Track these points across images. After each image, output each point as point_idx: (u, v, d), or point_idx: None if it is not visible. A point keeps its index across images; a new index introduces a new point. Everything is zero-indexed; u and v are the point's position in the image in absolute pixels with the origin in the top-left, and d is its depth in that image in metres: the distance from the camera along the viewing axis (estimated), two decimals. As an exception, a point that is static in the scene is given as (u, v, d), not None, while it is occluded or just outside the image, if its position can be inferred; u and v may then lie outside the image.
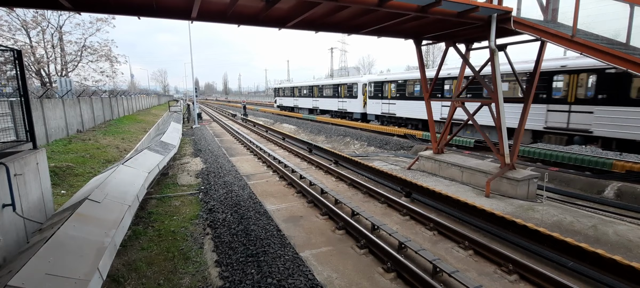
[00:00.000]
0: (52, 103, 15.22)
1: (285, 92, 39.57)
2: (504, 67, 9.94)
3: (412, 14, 7.00)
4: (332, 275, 4.94)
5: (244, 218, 7.08)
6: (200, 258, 5.52)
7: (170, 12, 6.95)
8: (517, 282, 4.74)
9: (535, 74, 8.52)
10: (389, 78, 21.36)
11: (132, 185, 6.34)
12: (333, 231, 6.48)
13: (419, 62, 10.69)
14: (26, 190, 4.99)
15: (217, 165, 12.27)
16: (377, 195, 8.33)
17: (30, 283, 2.89)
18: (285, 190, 9.23)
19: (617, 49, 5.93)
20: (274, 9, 7.03)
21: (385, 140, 18.31)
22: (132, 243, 6.02)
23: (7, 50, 5.36)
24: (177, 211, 7.72)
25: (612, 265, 4.41)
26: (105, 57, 26.06)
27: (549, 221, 6.67)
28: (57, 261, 3.31)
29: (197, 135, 21.70)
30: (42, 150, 5.76)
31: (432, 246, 5.84)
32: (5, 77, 6.08)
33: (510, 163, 8.59)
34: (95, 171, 10.89)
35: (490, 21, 7.64)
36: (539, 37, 7.30)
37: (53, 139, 14.82)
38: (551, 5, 8.20)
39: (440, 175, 10.37)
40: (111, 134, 19.27)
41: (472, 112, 9.72)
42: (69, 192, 8.83)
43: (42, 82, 23.38)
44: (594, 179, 9.88)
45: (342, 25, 8.63)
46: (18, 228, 4.68)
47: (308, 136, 22.84)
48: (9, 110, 6.58)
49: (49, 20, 22.37)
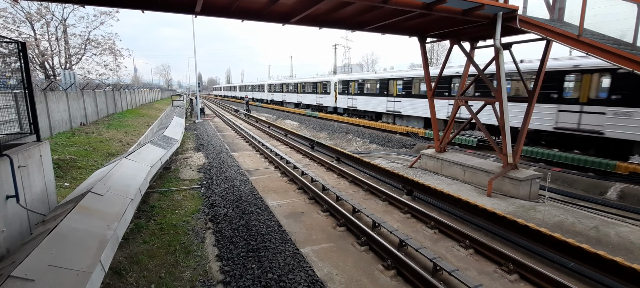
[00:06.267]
0: (55, 96, 15.30)
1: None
2: (509, 66, 9.87)
3: (417, 11, 6.95)
4: (333, 272, 4.96)
5: (245, 214, 7.10)
6: (201, 252, 5.56)
7: (174, 6, 6.94)
8: (517, 281, 4.73)
9: (540, 73, 8.46)
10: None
11: (134, 178, 6.37)
12: (334, 228, 6.49)
13: (423, 59, 10.63)
14: (30, 182, 5.03)
15: (219, 160, 12.31)
16: (378, 192, 8.33)
17: (33, 274, 2.92)
18: (287, 186, 9.24)
19: (623, 49, 5.87)
20: (278, 5, 7.00)
21: (387, 138, 18.28)
22: (134, 237, 6.06)
23: (12, 43, 5.38)
24: (179, 205, 7.76)
25: (614, 266, 4.39)
26: (109, 50, 26.13)
27: (551, 221, 6.65)
28: (59, 253, 3.34)
29: (199, 130, 21.75)
30: (45, 142, 5.80)
31: (433, 244, 5.84)
32: (10, 70, 6.10)
33: (512, 163, 8.55)
34: (98, 164, 10.96)
35: (495, 19, 7.57)
36: (545, 36, 7.23)
37: (56, 131, 14.91)
38: (557, 4, 8.12)
39: (442, 174, 10.35)
40: (114, 127, 19.36)
41: (476, 111, 9.67)
42: (72, 184, 8.90)
43: (46, 75, 23.50)
44: (596, 180, 9.83)
45: (346, 21, 8.59)
46: (21, 219, 4.72)
47: (310, 133, 22.84)
48: (13, 102, 6.61)
49: (53, 13, 22.43)
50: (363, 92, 23.84)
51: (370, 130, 21.07)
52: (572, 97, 11.86)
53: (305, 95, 34.05)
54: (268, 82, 49.98)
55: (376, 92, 22.29)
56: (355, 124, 23.48)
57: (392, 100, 20.45)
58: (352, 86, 25.32)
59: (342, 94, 26.71)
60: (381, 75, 22.69)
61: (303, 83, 34.74)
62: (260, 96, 51.09)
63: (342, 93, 26.68)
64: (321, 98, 30.35)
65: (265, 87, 48.73)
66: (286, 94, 39.81)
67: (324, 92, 29.86)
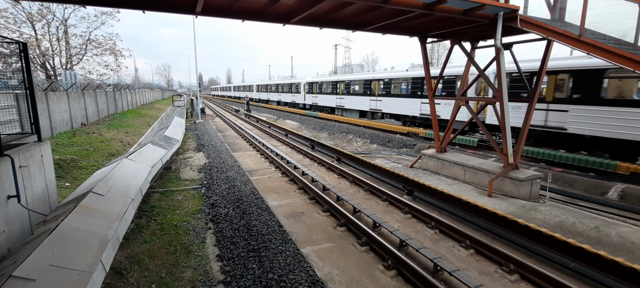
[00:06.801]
0: (56, 96, 15.33)
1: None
2: (510, 65, 9.86)
3: (418, 11, 6.95)
4: (333, 272, 4.96)
5: (245, 214, 7.11)
6: (202, 252, 5.56)
7: (175, 6, 6.95)
8: (518, 282, 4.73)
9: (541, 73, 8.45)
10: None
11: (135, 178, 6.38)
12: (334, 228, 6.49)
13: (424, 59, 10.63)
14: (31, 182, 5.04)
15: (219, 160, 12.32)
16: (379, 192, 8.33)
17: (34, 274, 2.93)
18: (288, 186, 9.25)
19: (624, 49, 5.86)
20: (279, 5, 7.00)
21: (388, 138, 18.27)
22: (135, 237, 6.07)
23: (13, 43, 5.39)
24: (179, 205, 7.77)
25: (614, 266, 4.38)
26: (110, 50, 26.18)
27: (552, 222, 6.64)
28: (60, 252, 3.35)
29: (200, 130, 21.77)
30: (46, 142, 5.80)
31: (433, 245, 5.84)
32: (11, 70, 6.12)
33: (513, 163, 8.54)
34: (99, 164, 10.97)
35: (496, 19, 7.56)
36: (546, 36, 7.22)
37: (57, 131, 14.94)
38: (558, 4, 8.12)
39: (443, 174, 10.34)
40: (115, 127, 19.38)
41: (477, 112, 9.66)
42: (73, 184, 8.91)
43: (47, 75, 23.54)
44: (597, 180, 9.81)
45: (347, 21, 8.59)
46: (23, 219, 4.73)
47: (311, 133, 22.84)
48: (14, 102, 6.63)
49: (54, 13, 22.48)
50: (322, 91, 30.53)
51: (370, 130, 21.06)
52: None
53: (284, 94, 41.28)
54: (256, 82, 58.23)
55: (330, 91, 29.22)
56: (355, 124, 23.48)
57: (339, 97, 27.51)
58: (315, 87, 31.94)
59: (309, 93, 33.48)
60: (333, 78, 29.84)
61: (282, 84, 42.55)
62: (253, 96, 58.68)
63: (309, 92, 33.44)
64: (294, 96, 37.45)
65: (254, 87, 56.40)
66: (270, 93, 47.46)
67: (296, 92, 36.60)
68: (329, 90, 29.11)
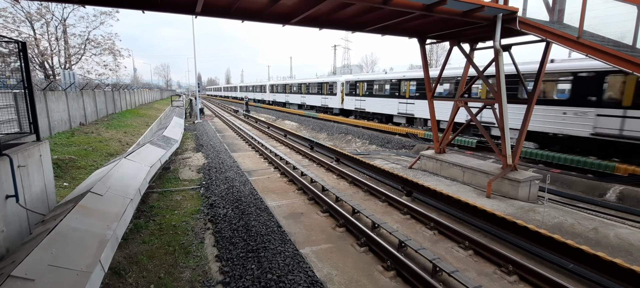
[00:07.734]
0: (55, 95, 15.29)
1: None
2: (509, 67, 9.87)
3: (417, 13, 6.96)
4: (332, 272, 4.96)
5: (244, 214, 7.10)
6: (200, 253, 5.55)
7: (174, 6, 6.94)
8: (516, 282, 4.74)
9: (540, 75, 8.47)
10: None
11: (134, 178, 6.36)
12: (333, 228, 6.49)
13: (423, 60, 10.64)
14: (29, 182, 5.02)
15: (218, 161, 12.30)
16: (378, 193, 8.33)
17: (33, 274, 2.92)
18: (286, 187, 9.24)
19: (623, 51, 5.88)
20: (279, 5, 7.01)
21: (387, 139, 18.29)
22: (134, 237, 6.05)
23: (12, 42, 5.38)
24: (178, 205, 7.76)
25: (613, 268, 4.40)
26: (109, 50, 26.12)
27: (550, 223, 6.66)
28: (59, 252, 3.34)
29: (199, 130, 21.74)
30: (45, 142, 5.79)
31: (432, 245, 5.84)
32: (10, 69, 6.10)
33: (512, 165, 8.56)
34: (98, 164, 10.95)
35: (495, 21, 7.59)
36: (545, 38, 7.25)
37: (56, 131, 14.90)
38: (557, 6, 8.14)
39: (442, 175, 10.36)
40: (114, 127, 19.35)
41: (476, 113, 9.68)
42: (71, 184, 8.89)
43: (45, 75, 23.47)
44: (596, 182, 9.84)
45: (346, 22, 8.60)
46: (21, 219, 4.72)
47: (310, 133, 22.85)
48: (13, 102, 6.60)
49: (53, 13, 22.42)
50: (372, 93, 22.79)
51: (369, 131, 21.08)
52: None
53: (309, 96, 33.48)
54: (269, 82, 49.13)
55: (386, 93, 21.03)
56: (353, 125, 23.50)
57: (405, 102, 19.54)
58: (360, 87, 24.32)
59: (349, 94, 25.82)
60: (392, 75, 21.46)
61: (307, 84, 34.20)
62: (262, 97, 50.54)
63: (350, 94, 25.70)
64: (327, 99, 29.75)
65: (267, 87, 48.04)
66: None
67: (329, 93, 29.24)
68: (385, 92, 21.07)
